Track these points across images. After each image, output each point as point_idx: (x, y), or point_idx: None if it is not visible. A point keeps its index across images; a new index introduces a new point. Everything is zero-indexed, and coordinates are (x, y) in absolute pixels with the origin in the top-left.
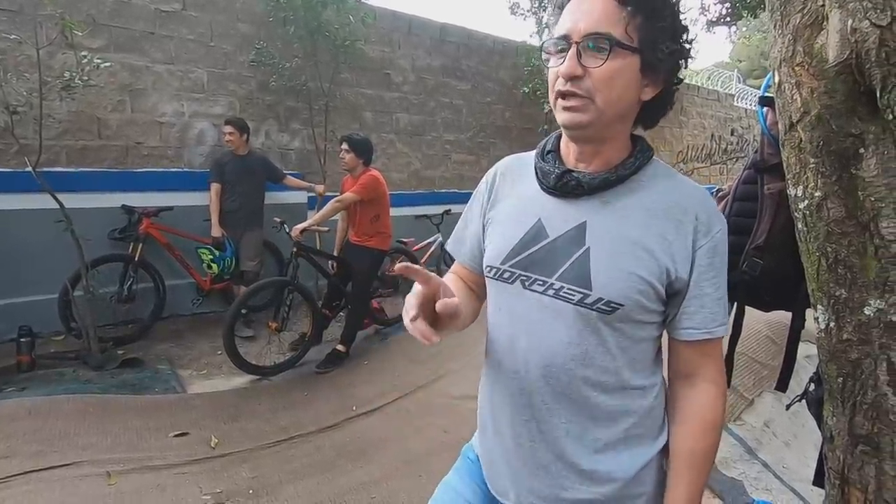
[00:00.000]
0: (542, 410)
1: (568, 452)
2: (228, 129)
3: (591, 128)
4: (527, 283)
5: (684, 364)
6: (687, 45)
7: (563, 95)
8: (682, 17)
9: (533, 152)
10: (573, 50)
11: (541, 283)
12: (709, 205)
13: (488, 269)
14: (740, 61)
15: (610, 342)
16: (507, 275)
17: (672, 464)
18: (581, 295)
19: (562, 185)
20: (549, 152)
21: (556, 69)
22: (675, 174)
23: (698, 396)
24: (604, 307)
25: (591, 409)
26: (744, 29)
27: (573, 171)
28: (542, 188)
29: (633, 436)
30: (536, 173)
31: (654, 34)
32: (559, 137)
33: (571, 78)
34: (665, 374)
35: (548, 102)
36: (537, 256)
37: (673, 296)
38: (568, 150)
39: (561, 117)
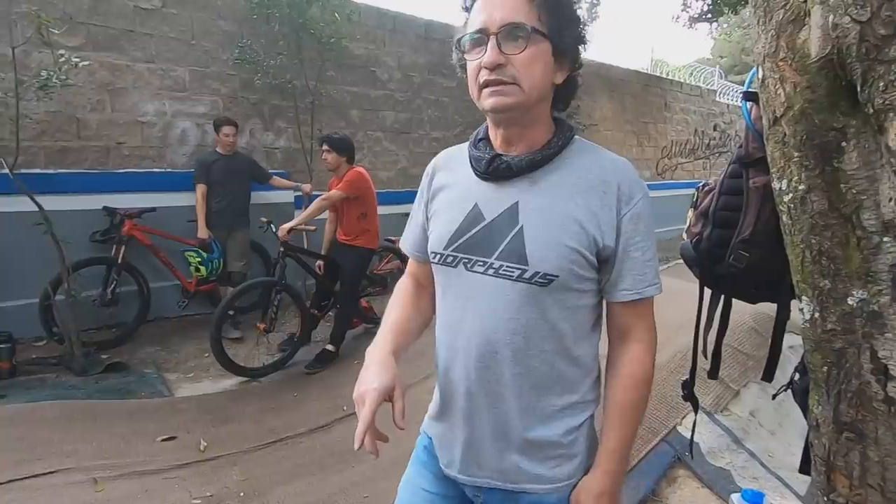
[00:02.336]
0: (491, 383)
1: (515, 422)
2: (231, 129)
3: (516, 110)
4: (468, 265)
5: (619, 325)
6: (584, 34)
7: (487, 85)
8: (577, 9)
9: (466, 143)
10: (493, 41)
11: (482, 263)
12: (629, 175)
13: (433, 255)
14: (722, 57)
15: (551, 313)
16: (449, 259)
17: (606, 414)
18: (519, 271)
19: (493, 169)
20: (480, 140)
21: (478, 61)
22: (597, 149)
23: (628, 353)
24: (540, 280)
25: (536, 378)
26: (725, 25)
27: (502, 155)
28: (476, 174)
29: (574, 402)
30: (470, 161)
31: (560, 23)
32: (487, 127)
33: (495, 67)
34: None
35: None
36: (476, 239)
37: (603, 262)
38: (496, 135)
39: (488, 102)
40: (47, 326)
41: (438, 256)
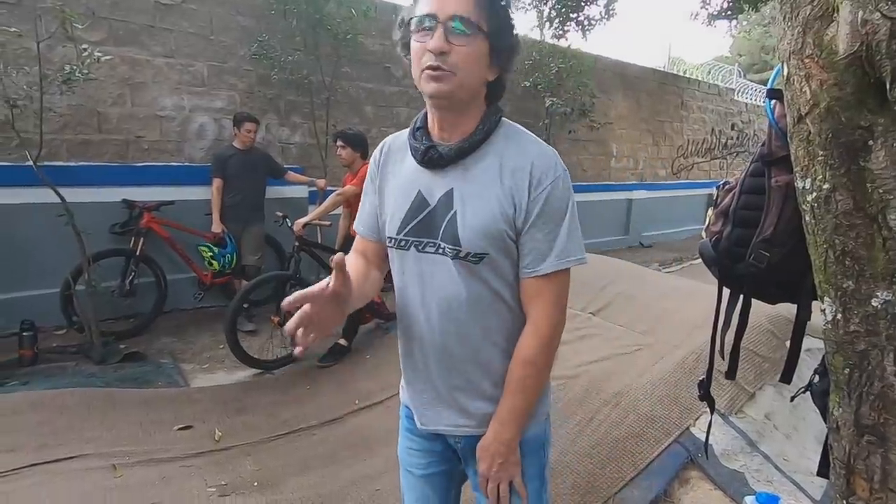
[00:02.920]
0: (454, 344)
1: (478, 372)
2: (253, 126)
3: (453, 97)
4: (419, 247)
5: (524, 301)
6: (517, 43)
7: (430, 69)
8: (512, 18)
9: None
10: (441, 28)
11: (431, 244)
12: (544, 160)
13: (389, 240)
14: (741, 55)
15: (491, 282)
16: (403, 243)
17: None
18: (456, 250)
19: (428, 159)
20: (418, 129)
21: (424, 44)
22: (521, 134)
23: (524, 334)
24: (472, 258)
25: (494, 332)
26: (744, 23)
27: (436, 145)
28: (417, 162)
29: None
30: (411, 150)
31: (498, 26)
32: (426, 114)
33: (440, 53)
34: None
35: (549, 96)
36: (424, 223)
37: (517, 240)
38: (433, 123)
39: (428, 88)
40: (68, 316)
41: (393, 241)
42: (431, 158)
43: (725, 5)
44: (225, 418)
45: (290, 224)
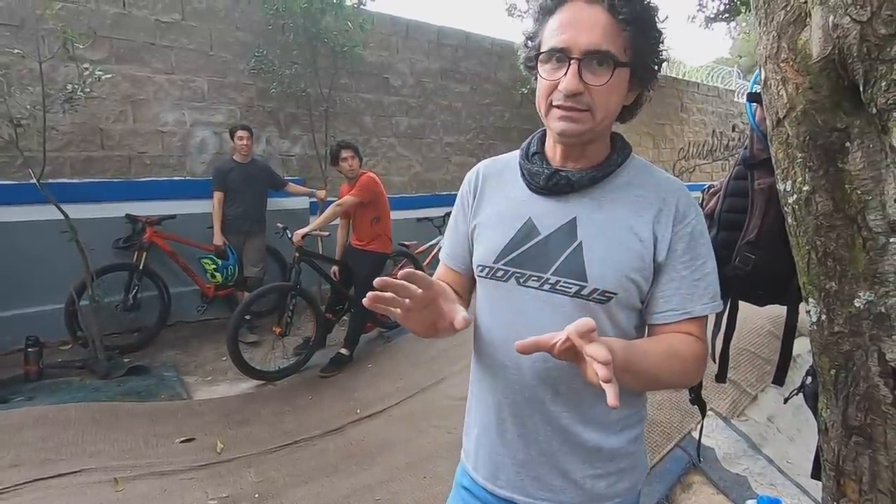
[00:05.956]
0: (546, 401)
1: (572, 438)
2: (244, 134)
3: (586, 135)
4: (521, 280)
5: None
6: (665, 52)
7: (560, 108)
8: (660, 24)
9: (511, 154)
10: (574, 67)
11: (536, 278)
12: (685, 194)
13: (480, 268)
14: (741, 57)
15: (608, 329)
16: (500, 273)
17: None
18: (577, 287)
19: (552, 185)
20: (535, 154)
21: (553, 82)
22: (652, 168)
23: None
24: (599, 297)
25: (592, 394)
26: (744, 24)
27: (561, 170)
28: (529, 189)
29: (631, 413)
30: (523, 174)
31: (644, 49)
32: (542, 138)
33: (572, 95)
34: None
35: None
36: (530, 253)
37: (654, 279)
38: (554, 150)
39: (557, 126)
40: (72, 330)
41: (487, 270)
42: (557, 184)
43: (722, 8)
44: (227, 430)
45: (290, 235)
